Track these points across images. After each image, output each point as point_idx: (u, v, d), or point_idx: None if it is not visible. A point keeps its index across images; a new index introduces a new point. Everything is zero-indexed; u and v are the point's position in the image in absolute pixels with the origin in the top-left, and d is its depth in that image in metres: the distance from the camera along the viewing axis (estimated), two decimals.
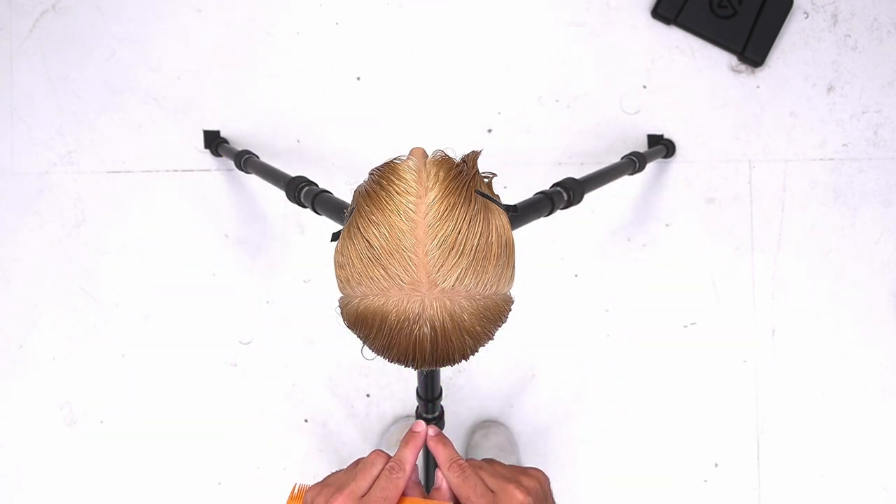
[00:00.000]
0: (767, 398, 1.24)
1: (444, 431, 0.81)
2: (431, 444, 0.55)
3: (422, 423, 0.55)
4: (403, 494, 0.51)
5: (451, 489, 0.52)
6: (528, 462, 1.21)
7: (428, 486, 0.89)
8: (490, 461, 0.53)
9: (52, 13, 1.25)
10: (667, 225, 1.25)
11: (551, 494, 0.52)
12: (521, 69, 1.26)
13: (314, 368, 1.23)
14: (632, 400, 1.24)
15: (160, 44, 1.25)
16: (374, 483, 0.50)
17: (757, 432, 1.23)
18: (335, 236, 0.54)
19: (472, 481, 0.50)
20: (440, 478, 0.52)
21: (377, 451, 0.52)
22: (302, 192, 0.82)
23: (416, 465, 0.53)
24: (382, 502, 0.49)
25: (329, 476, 0.52)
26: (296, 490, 0.53)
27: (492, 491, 0.49)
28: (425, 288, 0.47)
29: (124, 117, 1.24)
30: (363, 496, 0.49)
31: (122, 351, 1.23)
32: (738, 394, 1.24)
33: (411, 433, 0.54)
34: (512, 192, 1.18)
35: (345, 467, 0.53)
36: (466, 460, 0.52)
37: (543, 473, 0.52)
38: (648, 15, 1.26)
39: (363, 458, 0.52)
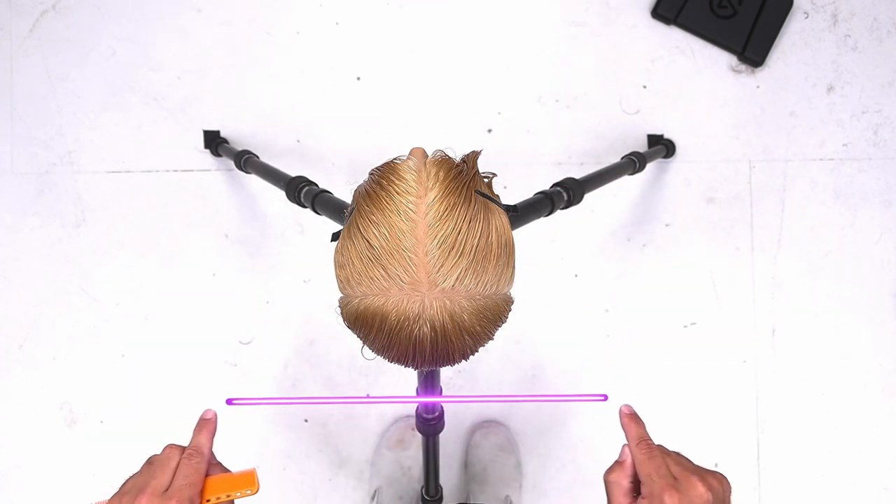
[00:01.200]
0: (767, 398, 1.24)
1: (444, 432, 0.82)
2: (625, 421, 0.57)
3: (212, 410, 0.56)
4: (206, 476, 0.52)
5: (633, 465, 0.53)
6: (527, 462, 1.21)
7: (430, 483, 0.89)
8: (677, 453, 0.54)
9: (52, 13, 1.25)
10: (667, 225, 1.25)
11: (730, 503, 0.51)
12: (521, 69, 1.26)
13: (314, 368, 1.23)
14: (632, 400, 1.23)
15: (160, 44, 1.25)
16: (174, 475, 0.50)
17: (757, 432, 1.23)
18: (335, 236, 0.54)
19: (658, 462, 0.51)
20: (626, 453, 0.54)
21: (170, 445, 0.53)
22: (302, 192, 0.82)
23: (212, 450, 0.54)
24: (188, 488, 0.50)
25: (124, 483, 0.52)
26: None
27: (674, 477, 0.50)
28: (425, 288, 0.47)
29: (124, 117, 1.24)
30: (166, 491, 0.49)
31: (122, 351, 1.23)
32: (738, 394, 1.24)
33: (203, 420, 0.55)
34: (512, 192, 1.18)
35: (137, 471, 0.52)
36: (656, 445, 0.53)
37: (727, 479, 0.52)
38: (648, 15, 1.26)
39: (156, 455, 0.53)
